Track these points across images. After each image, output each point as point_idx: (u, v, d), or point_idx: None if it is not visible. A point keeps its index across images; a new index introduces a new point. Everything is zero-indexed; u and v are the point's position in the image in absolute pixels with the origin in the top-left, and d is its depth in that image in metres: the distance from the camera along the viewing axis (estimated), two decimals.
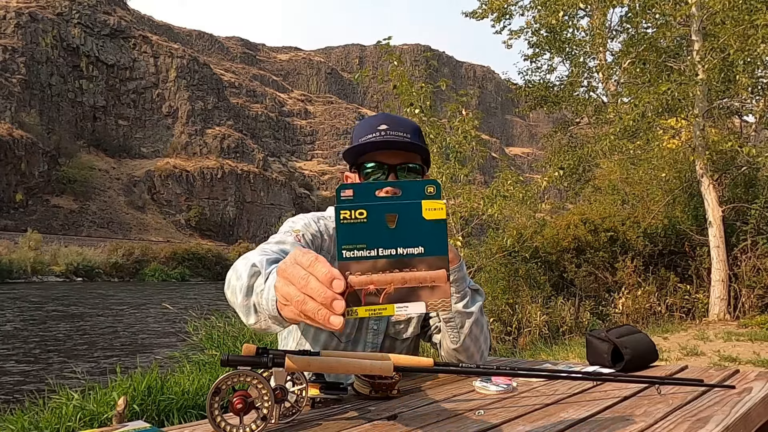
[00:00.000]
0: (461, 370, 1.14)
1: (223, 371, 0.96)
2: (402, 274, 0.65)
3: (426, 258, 0.66)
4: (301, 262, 0.69)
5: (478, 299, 1.37)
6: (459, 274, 1.30)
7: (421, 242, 0.66)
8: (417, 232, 0.66)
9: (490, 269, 9.01)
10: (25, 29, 73.69)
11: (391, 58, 7.71)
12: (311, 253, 0.69)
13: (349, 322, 1.35)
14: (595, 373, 1.32)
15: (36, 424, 3.48)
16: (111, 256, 38.07)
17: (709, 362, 5.77)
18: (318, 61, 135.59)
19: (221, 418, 0.89)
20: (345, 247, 0.65)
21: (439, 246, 0.66)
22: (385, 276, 0.65)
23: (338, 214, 0.65)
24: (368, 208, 0.65)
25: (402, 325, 1.43)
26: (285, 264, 0.72)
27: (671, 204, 10.77)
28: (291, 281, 0.69)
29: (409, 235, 0.66)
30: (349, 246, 0.65)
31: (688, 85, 8.92)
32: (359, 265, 0.65)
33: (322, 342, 1.38)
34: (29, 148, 63.65)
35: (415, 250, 0.65)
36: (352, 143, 1.36)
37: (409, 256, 0.65)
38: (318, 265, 0.66)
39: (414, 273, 0.65)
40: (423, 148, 1.34)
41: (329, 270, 0.65)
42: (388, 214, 0.66)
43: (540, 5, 12.27)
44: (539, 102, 13.78)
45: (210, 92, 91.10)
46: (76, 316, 16.34)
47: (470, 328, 1.33)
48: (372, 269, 0.65)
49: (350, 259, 0.65)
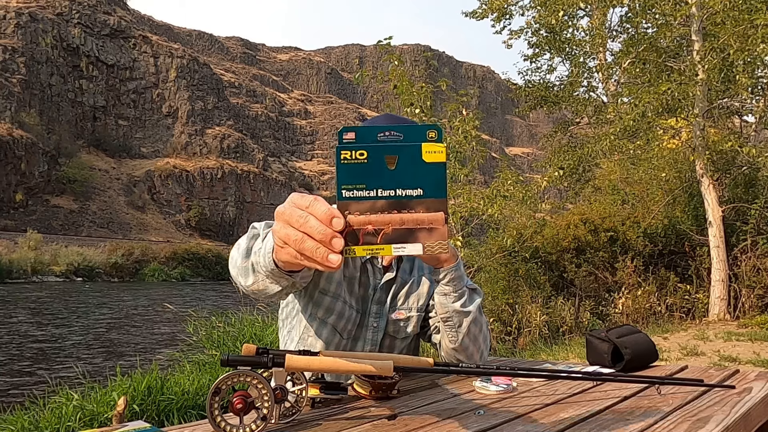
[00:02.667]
0: (461, 370, 1.14)
1: (223, 371, 0.96)
2: (400, 215, 0.66)
3: (424, 200, 0.66)
4: (299, 204, 0.70)
5: (476, 298, 1.37)
6: (456, 273, 1.30)
7: (420, 184, 0.66)
8: (416, 174, 0.66)
9: (490, 269, 9.00)
10: (25, 29, 73.67)
11: (391, 58, 7.71)
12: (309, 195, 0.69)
13: (351, 319, 1.38)
14: (595, 373, 1.32)
15: (36, 424, 3.48)
16: (111, 256, 38.03)
17: (709, 362, 5.77)
18: (318, 61, 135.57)
19: (221, 418, 0.89)
20: (345, 187, 0.66)
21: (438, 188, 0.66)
22: (383, 216, 0.65)
23: (339, 153, 0.66)
24: (368, 149, 0.66)
25: (402, 323, 1.44)
26: (283, 207, 0.72)
27: (671, 204, 10.77)
28: (290, 222, 0.69)
29: (408, 177, 0.66)
30: (349, 186, 0.66)
31: (688, 85, 8.92)
32: (358, 205, 0.66)
33: (324, 337, 1.39)
34: (29, 148, 63.64)
35: (413, 192, 0.66)
36: None
37: (407, 197, 0.66)
38: (317, 204, 0.67)
39: (412, 214, 0.66)
40: None
41: (329, 208, 0.66)
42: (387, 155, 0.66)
43: (540, 5, 12.27)
44: (539, 102, 13.78)
45: (210, 92, 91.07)
46: (76, 316, 16.34)
47: (468, 327, 1.34)
48: (371, 209, 0.66)
49: (349, 198, 0.66)
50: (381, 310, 1.43)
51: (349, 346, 1.41)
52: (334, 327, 1.39)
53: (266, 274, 0.95)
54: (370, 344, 1.42)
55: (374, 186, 0.66)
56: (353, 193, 0.66)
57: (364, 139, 0.66)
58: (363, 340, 1.41)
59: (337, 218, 0.65)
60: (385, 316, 1.43)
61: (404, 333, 1.44)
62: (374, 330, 1.42)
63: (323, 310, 1.39)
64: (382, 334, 1.43)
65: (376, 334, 1.42)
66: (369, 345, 1.42)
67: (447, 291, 1.31)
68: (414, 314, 1.44)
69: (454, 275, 1.30)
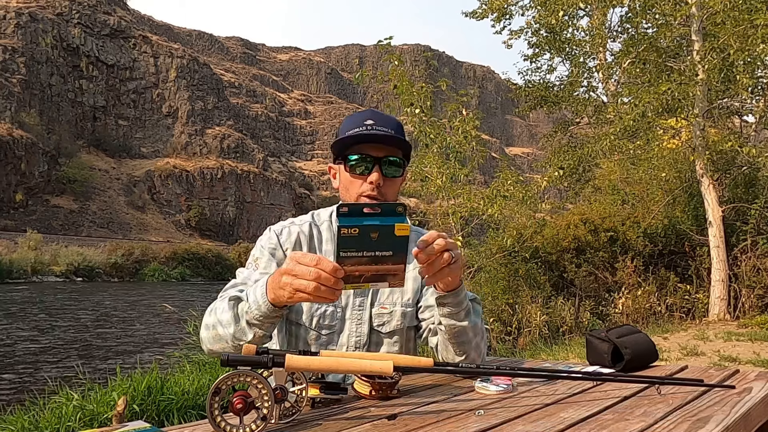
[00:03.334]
0: (461, 370, 1.14)
1: (223, 371, 0.96)
2: (376, 266, 0.97)
3: (392, 257, 0.97)
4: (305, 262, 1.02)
5: (478, 308, 1.40)
6: (460, 297, 1.29)
7: (390, 248, 0.96)
8: (388, 242, 0.96)
9: (490, 269, 9.00)
10: (25, 29, 73.68)
11: (391, 58, 7.71)
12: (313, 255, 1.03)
13: (326, 314, 1.44)
14: (595, 373, 1.32)
15: (36, 424, 3.48)
16: (111, 256, 38.04)
17: (709, 362, 5.77)
18: (318, 61, 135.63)
19: (221, 418, 0.89)
20: (342, 251, 0.95)
21: (401, 251, 0.97)
22: (366, 267, 0.97)
23: (340, 230, 0.93)
24: (360, 227, 0.94)
25: (386, 317, 1.45)
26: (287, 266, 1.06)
27: (671, 204, 10.77)
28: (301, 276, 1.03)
29: (383, 244, 0.95)
30: (345, 249, 0.95)
31: (688, 85, 8.92)
32: (350, 260, 0.96)
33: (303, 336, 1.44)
34: (29, 148, 63.64)
35: (386, 253, 0.96)
36: (339, 136, 1.44)
37: (382, 256, 0.96)
38: (324, 261, 1.00)
39: (383, 266, 0.97)
40: (405, 143, 1.43)
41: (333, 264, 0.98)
42: (372, 232, 0.94)
43: (540, 5, 12.27)
44: (539, 102, 13.79)
45: (210, 92, 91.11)
46: (76, 316, 16.35)
47: (475, 339, 1.36)
48: (358, 263, 0.96)
49: (345, 257, 0.96)
50: (364, 303, 1.46)
51: (334, 340, 1.43)
52: (307, 326, 1.43)
53: (261, 318, 1.18)
54: (355, 336, 1.44)
55: (361, 249, 0.95)
56: (348, 253, 0.95)
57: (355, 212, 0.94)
58: (347, 332, 1.44)
59: (340, 270, 0.98)
60: (368, 309, 1.45)
61: (389, 327, 1.45)
62: (358, 323, 1.44)
63: (294, 313, 1.44)
64: (367, 327, 1.44)
65: (360, 326, 1.44)
66: (354, 337, 1.43)
67: (453, 312, 1.30)
68: (398, 309, 1.46)
69: (459, 298, 1.29)
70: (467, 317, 1.32)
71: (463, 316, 1.31)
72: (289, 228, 1.50)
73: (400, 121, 1.47)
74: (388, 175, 1.41)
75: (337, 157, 1.47)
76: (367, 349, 1.44)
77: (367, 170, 1.40)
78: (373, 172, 1.39)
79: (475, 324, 1.35)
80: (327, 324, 1.44)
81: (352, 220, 0.93)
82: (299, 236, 1.48)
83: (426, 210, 10.01)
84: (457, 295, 1.28)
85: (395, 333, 1.46)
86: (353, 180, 1.42)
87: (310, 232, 1.49)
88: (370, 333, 1.45)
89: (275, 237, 1.47)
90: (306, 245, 1.47)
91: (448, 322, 1.32)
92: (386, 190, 1.42)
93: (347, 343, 1.43)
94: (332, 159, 1.52)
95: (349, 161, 1.42)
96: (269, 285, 1.14)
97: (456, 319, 1.31)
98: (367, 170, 1.40)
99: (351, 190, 1.43)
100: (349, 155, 1.42)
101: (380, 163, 1.40)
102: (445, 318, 1.32)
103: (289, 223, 1.52)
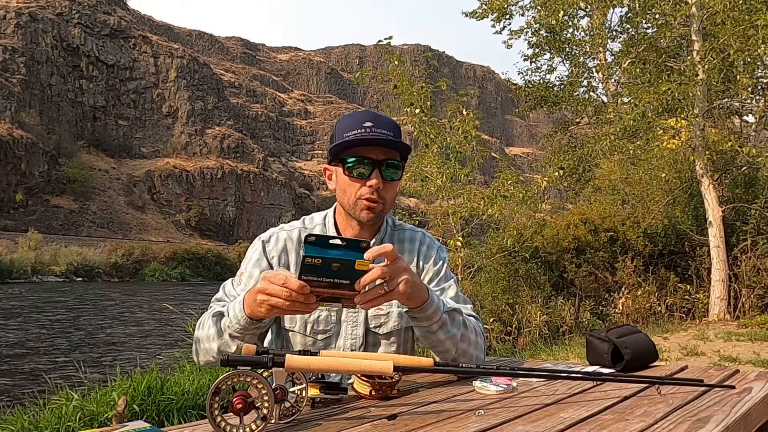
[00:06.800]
0: (461, 370, 1.14)
1: (223, 371, 0.96)
2: (333, 289, 1.07)
3: (349, 286, 1.07)
4: (275, 281, 1.10)
5: (458, 317, 1.37)
6: (427, 312, 1.28)
7: (348, 278, 1.06)
8: (348, 273, 1.06)
9: (490, 269, 8.99)
10: (25, 29, 73.65)
11: (391, 58, 7.71)
12: (280, 273, 1.11)
13: (330, 320, 1.46)
14: (595, 373, 1.32)
15: (36, 424, 3.47)
16: (111, 256, 38.03)
17: (709, 362, 5.77)
18: (318, 61, 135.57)
19: (221, 418, 0.89)
20: (304, 275, 1.05)
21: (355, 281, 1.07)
22: (323, 290, 1.07)
23: (304, 259, 1.03)
24: (324, 258, 1.03)
25: (382, 318, 1.45)
26: (260, 285, 1.14)
27: (671, 204, 10.76)
28: (275, 294, 1.11)
29: (343, 274, 1.05)
30: (307, 275, 1.04)
31: (688, 85, 8.91)
32: (311, 282, 1.06)
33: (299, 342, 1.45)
34: (29, 148, 63.63)
35: (344, 282, 1.06)
36: (336, 138, 1.42)
37: (339, 283, 1.06)
38: (291, 280, 1.08)
39: (339, 290, 1.08)
40: (403, 146, 1.41)
41: (299, 282, 1.06)
42: (334, 263, 1.03)
43: (540, 5, 12.28)
44: (539, 102, 13.80)
45: (210, 92, 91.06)
46: (76, 316, 16.35)
47: (457, 346, 1.36)
48: (317, 286, 1.06)
49: (306, 280, 1.05)
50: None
51: (332, 343, 1.44)
52: (303, 333, 1.44)
53: (240, 332, 1.26)
54: (351, 338, 1.44)
55: (322, 276, 1.05)
56: (308, 277, 1.05)
57: (321, 242, 1.03)
58: (343, 335, 1.44)
59: (306, 287, 1.06)
60: (364, 311, 1.44)
61: (387, 328, 1.45)
62: (353, 325, 1.44)
63: (288, 321, 1.45)
64: (363, 329, 1.44)
65: (356, 328, 1.44)
66: (350, 339, 1.44)
67: (425, 325, 1.31)
68: (395, 309, 1.45)
69: (428, 313, 1.28)
70: (441, 329, 1.32)
71: (436, 329, 1.31)
72: (277, 234, 1.51)
73: (397, 122, 1.46)
74: (387, 178, 1.39)
75: (334, 158, 1.44)
76: (364, 350, 1.44)
77: (366, 173, 1.38)
78: (373, 176, 1.37)
79: (453, 335, 1.34)
80: (322, 329, 1.44)
81: (317, 251, 1.02)
82: (286, 243, 1.48)
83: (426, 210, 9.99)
84: (424, 311, 1.27)
85: (392, 334, 1.46)
86: (351, 183, 1.40)
87: (299, 237, 1.49)
88: (366, 334, 1.45)
89: (261, 247, 1.49)
90: (293, 251, 1.48)
91: (419, 333, 1.34)
92: (385, 193, 1.41)
93: (343, 346, 1.44)
94: (328, 160, 1.49)
95: (348, 164, 1.39)
96: (246, 302, 1.22)
97: (428, 331, 1.32)
98: (367, 173, 1.38)
99: (349, 193, 1.41)
100: (348, 157, 1.39)
101: (380, 167, 1.38)
102: (417, 329, 1.34)
103: (278, 230, 1.53)
